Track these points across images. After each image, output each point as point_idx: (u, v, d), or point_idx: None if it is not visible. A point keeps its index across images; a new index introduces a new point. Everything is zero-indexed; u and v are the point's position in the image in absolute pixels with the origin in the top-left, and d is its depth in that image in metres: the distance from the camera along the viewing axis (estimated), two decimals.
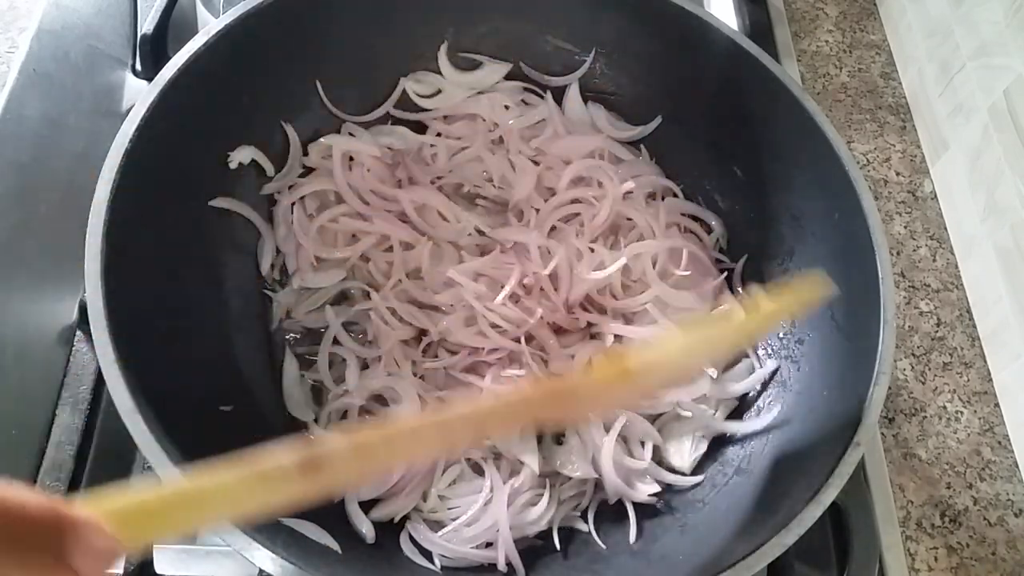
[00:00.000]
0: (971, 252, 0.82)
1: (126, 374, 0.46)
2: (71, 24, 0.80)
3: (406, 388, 0.62)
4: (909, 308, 0.81)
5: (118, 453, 0.64)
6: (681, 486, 0.63)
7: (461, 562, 0.58)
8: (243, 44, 0.61)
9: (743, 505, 0.57)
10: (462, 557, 0.58)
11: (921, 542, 0.68)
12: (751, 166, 0.69)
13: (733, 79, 0.67)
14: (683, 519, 0.60)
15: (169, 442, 0.45)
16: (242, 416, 0.60)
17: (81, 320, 0.67)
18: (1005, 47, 0.79)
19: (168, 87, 0.56)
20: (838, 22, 1.03)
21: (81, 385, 0.64)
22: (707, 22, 0.66)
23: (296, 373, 0.66)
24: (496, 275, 0.67)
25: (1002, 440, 0.74)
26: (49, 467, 0.61)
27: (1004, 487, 0.71)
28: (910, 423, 0.74)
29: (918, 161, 0.91)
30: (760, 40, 0.68)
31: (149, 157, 0.54)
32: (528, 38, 0.75)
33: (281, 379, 0.65)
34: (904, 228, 0.86)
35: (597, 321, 0.67)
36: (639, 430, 0.64)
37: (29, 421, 0.62)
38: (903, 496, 0.70)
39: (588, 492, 0.63)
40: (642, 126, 0.76)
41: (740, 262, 0.72)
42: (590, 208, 0.72)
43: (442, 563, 0.58)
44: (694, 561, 0.54)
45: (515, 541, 0.58)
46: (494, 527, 0.58)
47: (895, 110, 0.95)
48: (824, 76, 0.98)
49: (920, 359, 0.78)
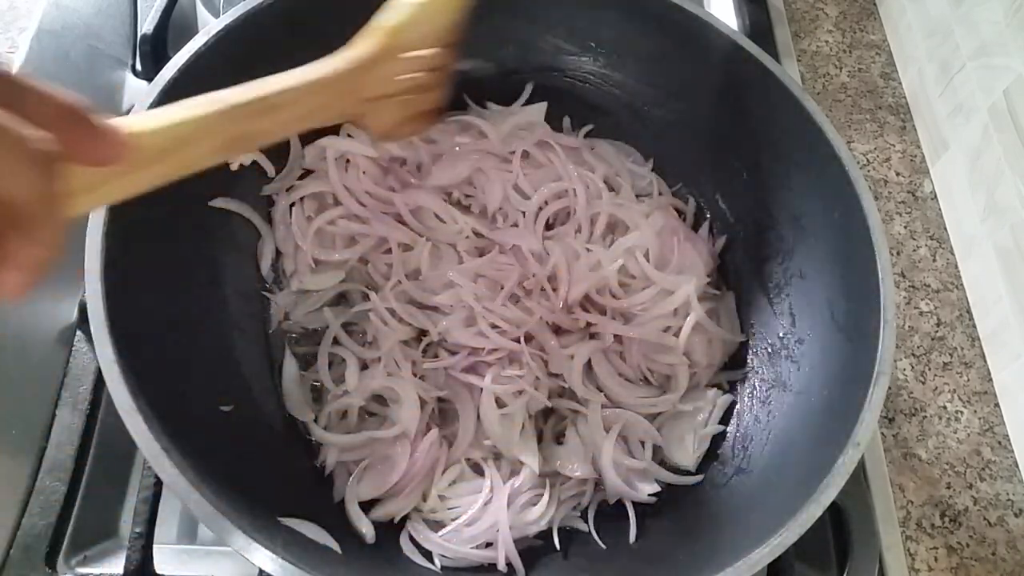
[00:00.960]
0: (971, 252, 0.82)
1: (126, 374, 0.46)
2: (71, 24, 0.80)
3: (406, 388, 0.62)
4: (909, 308, 0.81)
5: (118, 453, 0.64)
6: (681, 485, 0.63)
7: (461, 562, 0.58)
8: (243, 44, 0.61)
9: (743, 505, 0.57)
10: (462, 557, 0.58)
11: (921, 542, 0.68)
12: (751, 166, 0.69)
13: (733, 79, 0.67)
14: (683, 519, 0.60)
15: (169, 442, 0.45)
16: (242, 416, 0.60)
17: (81, 320, 0.67)
18: (1005, 47, 0.79)
19: (168, 87, 0.56)
20: (838, 22, 1.03)
21: (81, 385, 0.64)
22: (707, 22, 0.66)
23: (296, 373, 0.66)
24: (495, 275, 0.67)
25: (1002, 440, 0.74)
26: (49, 467, 0.61)
27: (1004, 487, 0.71)
28: (910, 423, 0.74)
29: (918, 161, 0.91)
30: (760, 40, 0.68)
31: None
32: (528, 38, 0.75)
33: (281, 379, 0.65)
34: (904, 228, 0.86)
35: (596, 321, 0.67)
36: (639, 430, 0.64)
37: (29, 421, 0.62)
38: (903, 496, 0.70)
39: (588, 492, 0.63)
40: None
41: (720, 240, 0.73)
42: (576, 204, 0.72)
43: (442, 563, 0.58)
44: (694, 561, 0.54)
45: (515, 541, 0.58)
46: (494, 527, 0.58)
47: (895, 110, 0.95)
48: (824, 76, 0.98)
49: (920, 359, 0.78)
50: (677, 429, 0.65)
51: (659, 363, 0.67)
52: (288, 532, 0.50)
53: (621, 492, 0.62)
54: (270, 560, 0.43)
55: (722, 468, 0.63)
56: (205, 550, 0.62)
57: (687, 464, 0.63)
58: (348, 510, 0.59)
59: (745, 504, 0.57)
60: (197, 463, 0.45)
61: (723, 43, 0.65)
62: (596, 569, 0.58)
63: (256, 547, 0.43)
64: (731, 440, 0.65)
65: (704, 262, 0.71)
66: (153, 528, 0.57)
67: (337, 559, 0.52)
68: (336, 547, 0.52)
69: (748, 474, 0.60)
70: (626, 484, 0.62)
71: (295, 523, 0.51)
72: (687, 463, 0.64)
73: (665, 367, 0.67)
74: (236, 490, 0.47)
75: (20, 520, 0.58)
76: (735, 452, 0.63)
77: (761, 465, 0.59)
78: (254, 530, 0.43)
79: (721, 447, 0.65)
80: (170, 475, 0.44)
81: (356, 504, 0.59)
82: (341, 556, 0.52)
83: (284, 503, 0.53)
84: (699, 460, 0.64)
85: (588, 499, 0.63)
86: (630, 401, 0.65)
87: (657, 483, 0.63)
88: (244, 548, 0.43)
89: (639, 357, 0.67)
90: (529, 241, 0.69)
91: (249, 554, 0.43)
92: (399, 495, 0.60)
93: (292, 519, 0.51)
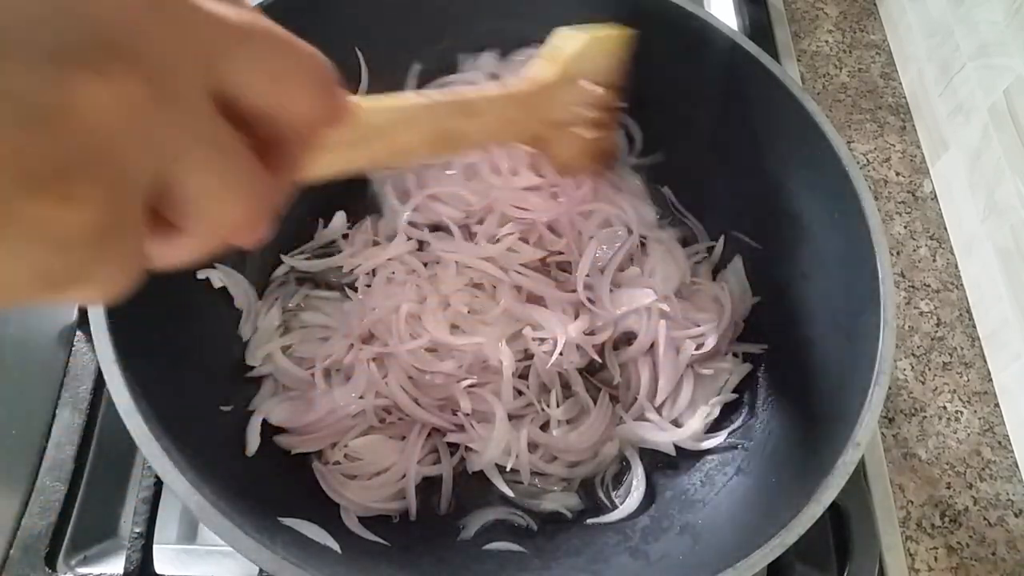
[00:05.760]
0: (971, 252, 0.82)
1: (126, 374, 0.46)
2: None
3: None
4: (909, 308, 0.81)
5: (118, 453, 0.64)
6: (691, 449, 0.64)
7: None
8: None
9: (743, 505, 0.57)
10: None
11: (921, 542, 0.68)
12: (751, 166, 0.69)
13: (733, 79, 0.67)
14: (683, 519, 0.60)
15: (169, 442, 0.45)
16: (242, 416, 0.60)
17: (81, 320, 0.67)
18: (1005, 47, 0.79)
19: None
20: (838, 22, 1.03)
21: (81, 385, 0.64)
22: (707, 22, 0.66)
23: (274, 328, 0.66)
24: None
25: (1002, 440, 0.74)
26: (49, 467, 0.61)
27: (1004, 487, 0.71)
28: (910, 423, 0.74)
29: (918, 161, 0.91)
30: (760, 40, 0.68)
31: None
32: (528, 38, 0.75)
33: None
34: (904, 228, 0.86)
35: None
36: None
37: (29, 421, 0.62)
38: (903, 496, 0.70)
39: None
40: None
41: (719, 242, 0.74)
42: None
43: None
44: (694, 561, 0.54)
45: (515, 542, 0.58)
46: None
47: (895, 110, 0.95)
48: (824, 76, 0.98)
49: (920, 359, 0.78)
50: (695, 393, 0.66)
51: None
52: (288, 532, 0.50)
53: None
54: (270, 560, 0.43)
55: (722, 468, 0.63)
56: (205, 550, 0.62)
57: (696, 428, 0.64)
58: (252, 419, 0.59)
59: (745, 505, 0.57)
60: (197, 463, 0.45)
61: (723, 43, 0.65)
62: (596, 569, 0.58)
63: (256, 547, 0.43)
64: (732, 438, 0.65)
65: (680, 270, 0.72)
66: (153, 528, 0.57)
67: (337, 559, 0.52)
68: (336, 547, 0.52)
69: (748, 474, 0.60)
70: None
71: (295, 523, 0.51)
72: (696, 427, 0.64)
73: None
74: (236, 490, 0.47)
75: (20, 520, 0.58)
76: (735, 452, 0.63)
77: (761, 466, 0.59)
78: (254, 530, 0.43)
79: (722, 450, 0.65)
80: (170, 475, 0.44)
81: (262, 417, 0.60)
82: (341, 556, 0.52)
83: (284, 503, 0.53)
84: (707, 427, 0.65)
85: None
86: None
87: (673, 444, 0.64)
88: (244, 548, 0.43)
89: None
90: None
91: (249, 554, 0.43)
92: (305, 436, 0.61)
93: (292, 519, 0.51)
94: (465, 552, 0.61)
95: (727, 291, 0.69)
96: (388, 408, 0.63)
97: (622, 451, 0.66)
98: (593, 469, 0.65)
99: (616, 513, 0.62)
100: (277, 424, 0.61)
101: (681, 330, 0.67)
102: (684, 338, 0.67)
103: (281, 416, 0.61)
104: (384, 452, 0.62)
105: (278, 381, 0.64)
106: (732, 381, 0.67)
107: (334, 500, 0.59)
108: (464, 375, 0.64)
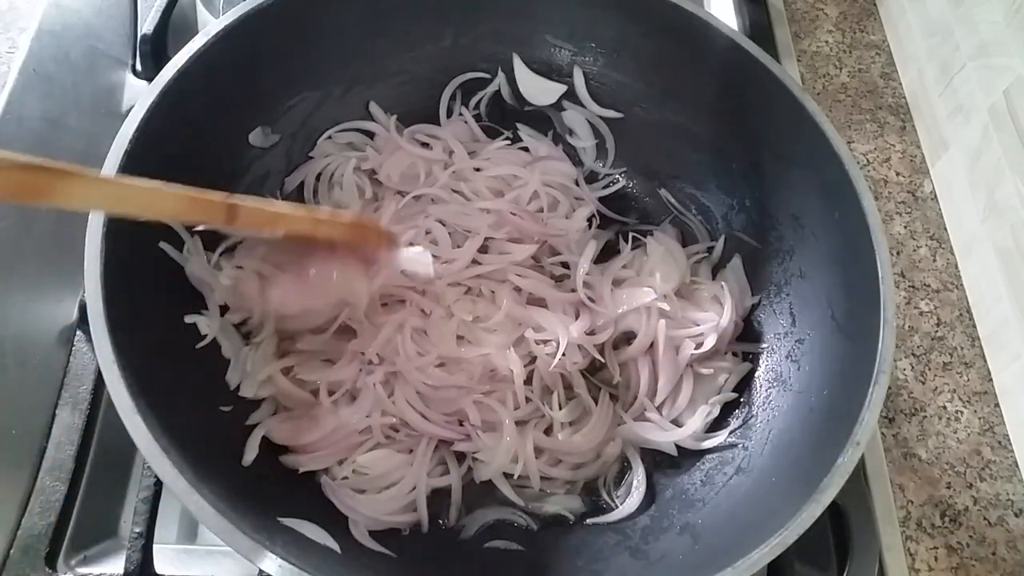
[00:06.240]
0: (971, 252, 0.82)
1: (126, 374, 0.46)
2: (71, 24, 0.80)
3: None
4: (909, 308, 0.81)
5: (118, 453, 0.64)
6: (691, 449, 0.64)
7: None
8: (243, 45, 0.61)
9: (743, 504, 0.57)
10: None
11: (921, 542, 0.68)
12: (751, 166, 0.69)
13: (733, 79, 0.67)
14: (683, 519, 0.60)
15: (169, 442, 0.45)
16: (242, 416, 0.60)
17: (81, 320, 0.67)
18: (1005, 47, 0.79)
19: (168, 87, 0.56)
20: (838, 22, 1.03)
21: (81, 385, 0.64)
22: (707, 22, 0.66)
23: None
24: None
25: (1002, 440, 0.74)
26: (49, 467, 0.61)
27: (1004, 487, 0.71)
28: (910, 423, 0.74)
29: (918, 161, 0.91)
30: (760, 40, 0.68)
31: (149, 158, 0.54)
32: (528, 38, 0.75)
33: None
34: (904, 228, 0.86)
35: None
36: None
37: (29, 421, 0.62)
38: (903, 496, 0.70)
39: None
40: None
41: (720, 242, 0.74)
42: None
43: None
44: (694, 561, 0.54)
45: (515, 542, 0.58)
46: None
47: (895, 110, 0.95)
48: (824, 76, 0.98)
49: (920, 359, 0.78)
50: (695, 392, 0.66)
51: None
52: (288, 532, 0.50)
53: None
54: (270, 560, 0.43)
55: (722, 468, 0.63)
56: (205, 550, 0.62)
57: (696, 427, 0.64)
58: (252, 433, 0.59)
59: (744, 504, 0.57)
60: (197, 463, 0.45)
61: (723, 43, 0.65)
62: (596, 569, 0.58)
63: (256, 547, 0.43)
64: (732, 437, 0.65)
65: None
66: (153, 528, 0.57)
67: (337, 559, 0.52)
68: (336, 547, 0.52)
69: (748, 474, 0.60)
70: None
71: (295, 523, 0.51)
72: (696, 426, 0.64)
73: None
74: (236, 490, 0.47)
75: (20, 520, 0.58)
76: (735, 452, 0.63)
77: (761, 465, 0.59)
78: (254, 530, 0.43)
79: (721, 450, 0.65)
80: (170, 475, 0.44)
81: (262, 433, 0.59)
82: (341, 556, 0.52)
83: (284, 503, 0.53)
84: (707, 426, 0.65)
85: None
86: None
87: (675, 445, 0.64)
88: (244, 548, 0.43)
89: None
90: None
91: (249, 554, 0.43)
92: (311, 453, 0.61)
93: (292, 519, 0.51)
94: (465, 551, 0.61)
95: (727, 290, 0.69)
96: (396, 426, 0.63)
97: (623, 451, 0.66)
98: (596, 471, 0.65)
99: (616, 513, 0.62)
100: (280, 443, 0.60)
101: (681, 329, 0.67)
102: (684, 337, 0.67)
103: (283, 435, 0.60)
104: (392, 466, 0.61)
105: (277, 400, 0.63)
106: (732, 380, 0.67)
107: (344, 513, 0.59)
108: (475, 386, 0.63)
